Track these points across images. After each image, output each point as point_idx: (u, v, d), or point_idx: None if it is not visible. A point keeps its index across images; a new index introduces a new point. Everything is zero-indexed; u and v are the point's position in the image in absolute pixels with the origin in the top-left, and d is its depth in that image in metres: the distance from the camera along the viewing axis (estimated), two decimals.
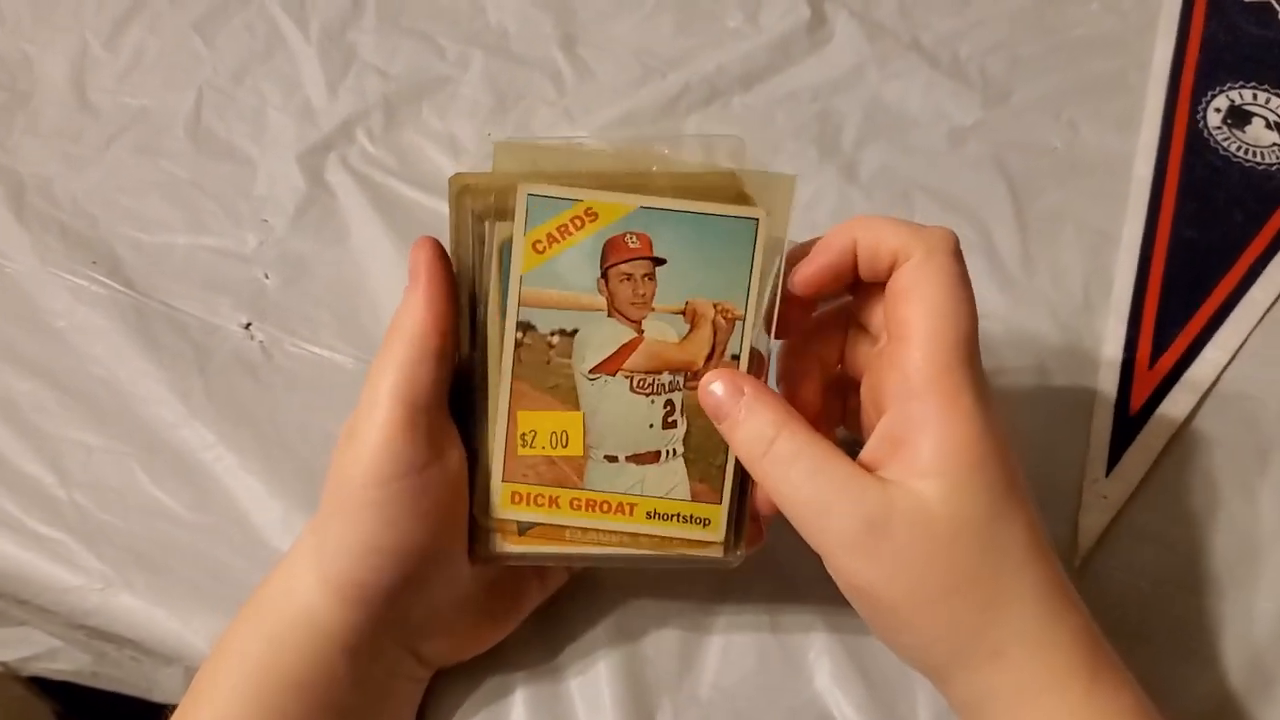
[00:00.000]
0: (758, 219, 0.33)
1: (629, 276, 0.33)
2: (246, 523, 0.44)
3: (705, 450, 0.34)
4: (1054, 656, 0.31)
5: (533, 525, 0.35)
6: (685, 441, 0.34)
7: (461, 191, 0.33)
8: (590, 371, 0.34)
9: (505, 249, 0.33)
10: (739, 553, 0.35)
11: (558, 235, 0.33)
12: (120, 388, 0.47)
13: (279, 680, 0.34)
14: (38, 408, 0.47)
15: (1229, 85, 0.54)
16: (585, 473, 0.35)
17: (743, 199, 0.33)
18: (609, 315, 0.34)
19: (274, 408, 0.47)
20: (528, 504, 0.35)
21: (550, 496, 0.35)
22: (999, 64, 0.58)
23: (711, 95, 0.56)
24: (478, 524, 0.35)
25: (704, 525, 0.35)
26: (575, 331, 0.34)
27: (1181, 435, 0.44)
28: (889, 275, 0.33)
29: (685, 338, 0.34)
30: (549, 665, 0.40)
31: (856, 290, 0.35)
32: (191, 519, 0.44)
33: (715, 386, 0.33)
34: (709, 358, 0.34)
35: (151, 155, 0.55)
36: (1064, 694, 0.30)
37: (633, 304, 0.34)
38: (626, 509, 0.35)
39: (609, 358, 0.34)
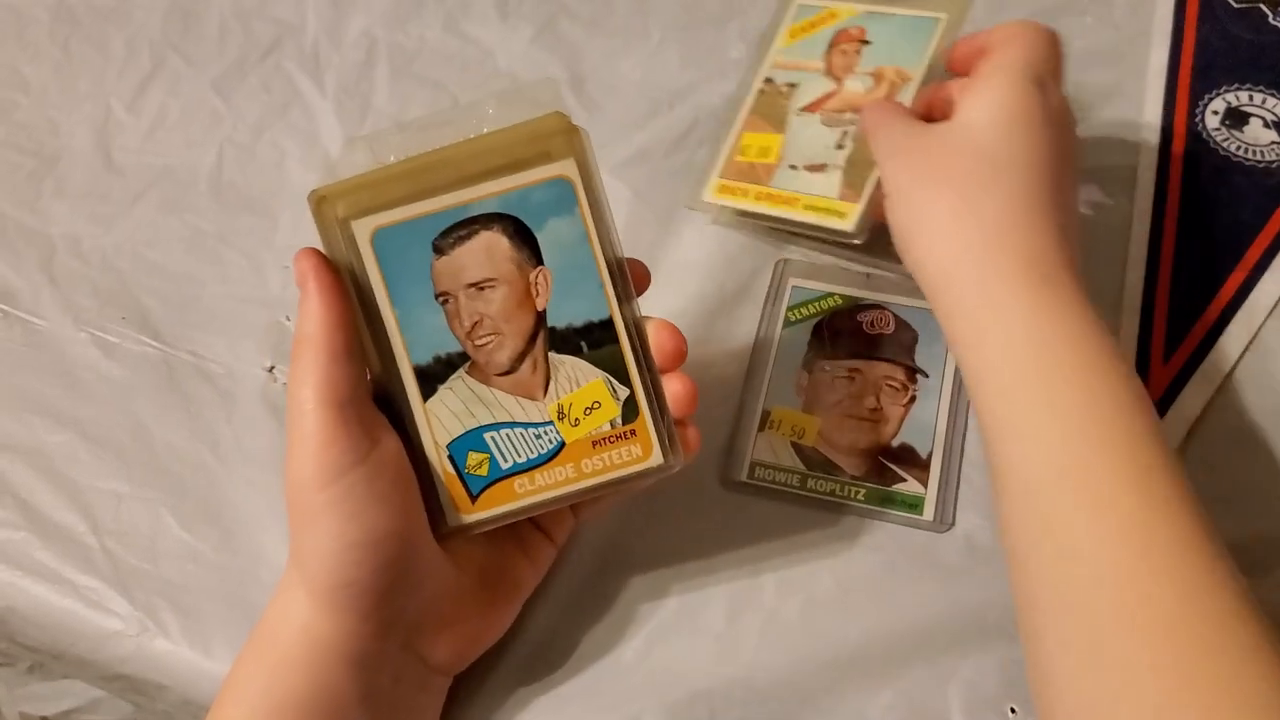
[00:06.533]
0: (940, 19, 0.49)
1: (845, 51, 0.51)
2: (275, 563, 0.44)
3: (859, 164, 0.47)
4: (1015, 261, 0.38)
5: (501, 478, 0.36)
6: (848, 159, 0.48)
7: (320, 203, 0.35)
8: (801, 109, 0.50)
9: (375, 240, 0.35)
10: (674, 459, 0.37)
11: (807, 27, 0.53)
12: (149, 437, 0.48)
13: (286, 703, 0.34)
14: (70, 459, 0.48)
15: (1225, 88, 0.55)
16: (773, 175, 0.49)
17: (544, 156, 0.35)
18: (824, 75, 0.51)
19: None
20: (728, 193, 0.50)
21: (743, 189, 0.50)
22: None
23: (720, 125, 0.57)
24: (431, 503, 0.36)
25: (841, 216, 0.47)
26: (798, 85, 0.51)
27: (1199, 429, 0.44)
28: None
29: (869, 90, 0.49)
30: (574, 669, 0.40)
31: None
32: (221, 561, 0.45)
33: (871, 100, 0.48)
34: None
35: (176, 211, 0.57)
36: (1019, 289, 0.37)
37: (843, 68, 0.50)
38: (793, 201, 0.48)
39: (815, 100, 0.50)
